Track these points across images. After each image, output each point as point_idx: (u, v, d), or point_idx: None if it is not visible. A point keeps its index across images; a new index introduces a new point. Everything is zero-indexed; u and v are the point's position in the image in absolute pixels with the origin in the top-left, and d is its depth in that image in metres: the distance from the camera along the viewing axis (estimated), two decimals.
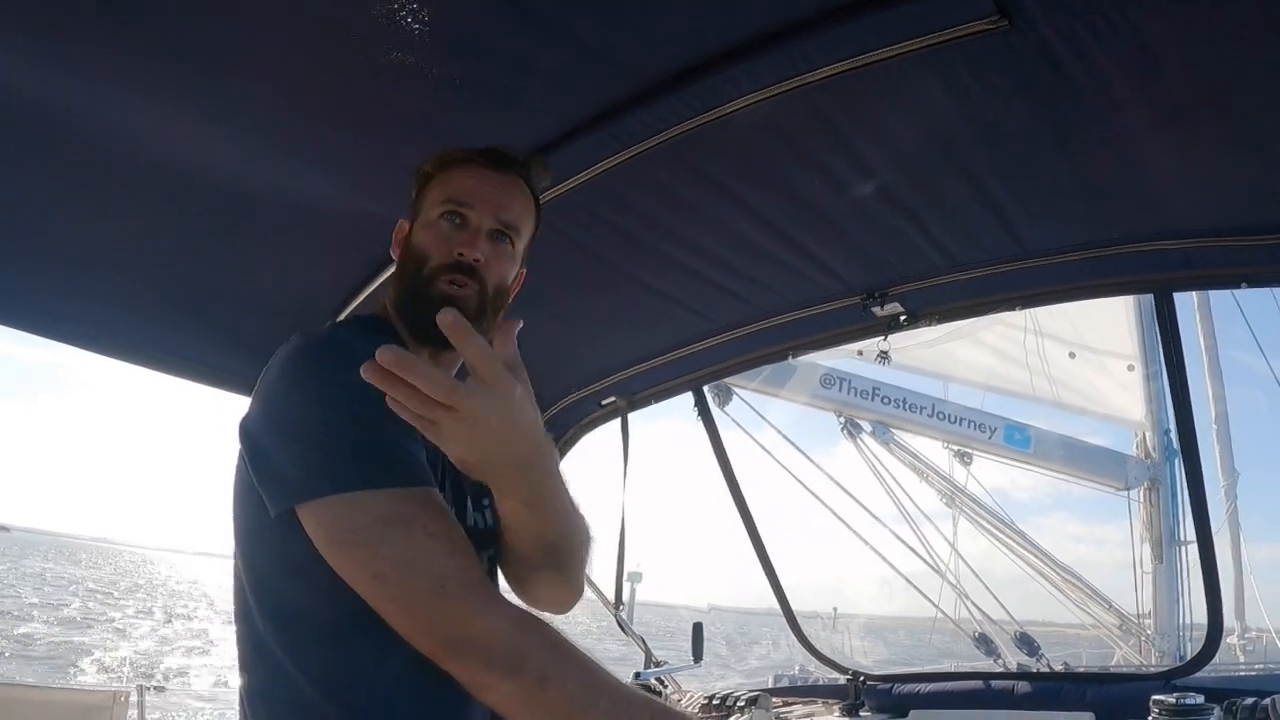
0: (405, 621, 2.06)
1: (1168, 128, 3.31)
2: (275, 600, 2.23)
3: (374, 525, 2.06)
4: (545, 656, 2.08)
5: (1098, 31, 2.78)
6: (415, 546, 2.06)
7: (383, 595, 2.05)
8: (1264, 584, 20.37)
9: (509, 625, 2.06)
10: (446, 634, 2.04)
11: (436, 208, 2.60)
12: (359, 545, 2.06)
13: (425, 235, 2.59)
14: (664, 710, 2.31)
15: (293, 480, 2.10)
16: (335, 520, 2.07)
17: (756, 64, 3.03)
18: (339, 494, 2.06)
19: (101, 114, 2.99)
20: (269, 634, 2.21)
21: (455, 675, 2.12)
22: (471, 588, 2.07)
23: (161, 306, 4.07)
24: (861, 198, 3.81)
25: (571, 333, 5.10)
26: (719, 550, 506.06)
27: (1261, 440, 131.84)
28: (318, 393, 2.18)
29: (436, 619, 2.04)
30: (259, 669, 2.23)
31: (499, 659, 2.03)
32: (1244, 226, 3.87)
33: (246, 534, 2.29)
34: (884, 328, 4.93)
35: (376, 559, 2.05)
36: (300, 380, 2.23)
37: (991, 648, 15.87)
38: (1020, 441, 18.15)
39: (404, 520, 2.07)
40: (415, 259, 2.57)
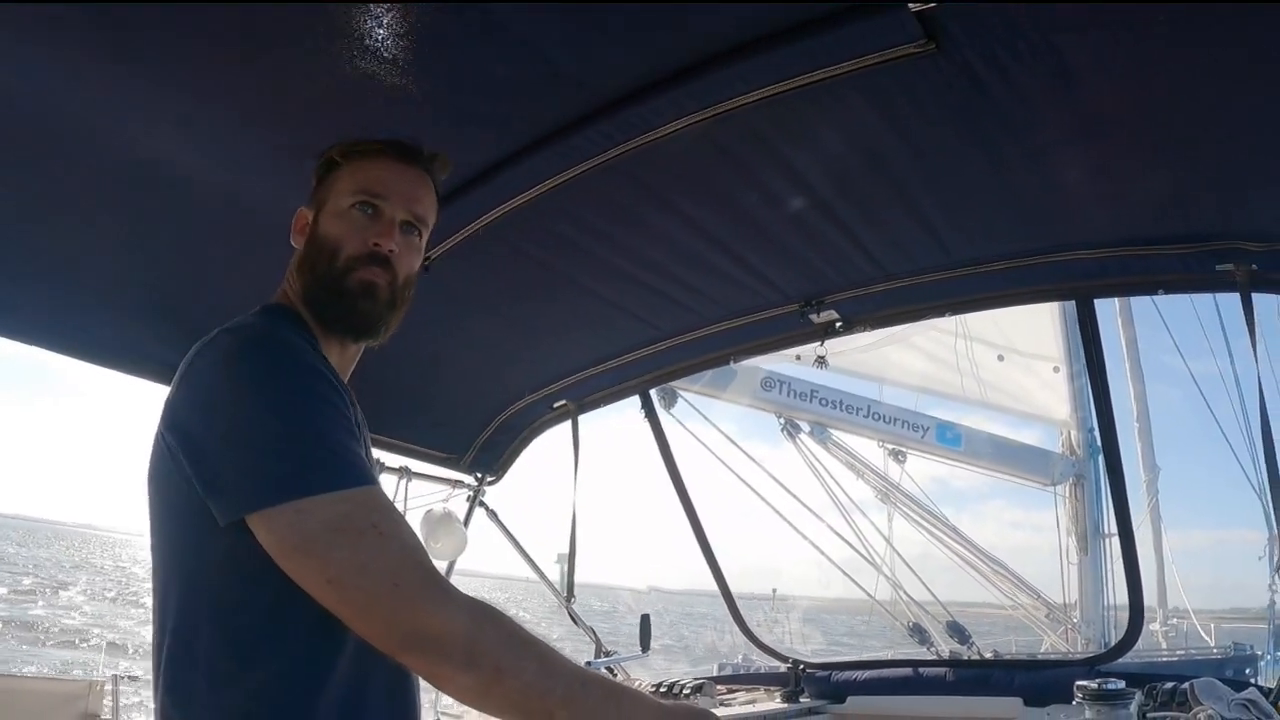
0: (362, 623, 2.02)
1: (1084, 145, 3.36)
2: (221, 607, 2.14)
3: (324, 531, 2.01)
4: (501, 647, 2.04)
5: (1019, 55, 2.82)
6: (367, 548, 2.02)
7: (339, 599, 2.01)
8: (1184, 571, 20.56)
9: (464, 618, 2.02)
10: (403, 631, 2.00)
11: (347, 197, 2.51)
12: (311, 552, 2.01)
13: (336, 225, 2.50)
14: (620, 689, 2.26)
15: (241, 489, 2.04)
16: (287, 527, 2.01)
17: (698, 85, 3.05)
18: (289, 501, 2.00)
19: (67, 116, 2.97)
20: (210, 641, 2.13)
21: (413, 670, 2.15)
22: (424, 583, 2.03)
23: (122, 305, 4.02)
24: (798, 211, 3.85)
25: (525, 339, 5.11)
26: (660, 535, 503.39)
27: (1182, 436, 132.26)
28: (262, 396, 2.13)
29: (393, 618, 1.99)
30: (193, 679, 2.13)
31: (456, 652, 2.00)
32: (1157, 237, 3.94)
33: (181, 538, 2.20)
34: (820, 334, 4.97)
35: (330, 564, 2.00)
36: (243, 382, 2.15)
37: (925, 636, 15.93)
38: (951, 440, 18.23)
39: (354, 522, 2.04)
40: (326, 249, 2.48)
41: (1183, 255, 3.96)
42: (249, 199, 3.43)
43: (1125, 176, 3.57)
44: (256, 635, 2.13)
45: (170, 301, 4.05)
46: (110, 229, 3.61)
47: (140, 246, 3.74)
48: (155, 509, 2.28)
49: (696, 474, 7.38)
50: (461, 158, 3.36)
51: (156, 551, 2.30)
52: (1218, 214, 3.74)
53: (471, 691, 2.06)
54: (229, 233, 3.64)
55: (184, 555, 2.20)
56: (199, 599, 2.15)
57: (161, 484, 2.22)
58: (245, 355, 2.20)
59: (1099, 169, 3.53)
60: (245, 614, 2.13)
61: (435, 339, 4.50)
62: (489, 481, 6.23)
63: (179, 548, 2.20)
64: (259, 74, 2.90)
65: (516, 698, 2.06)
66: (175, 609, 2.19)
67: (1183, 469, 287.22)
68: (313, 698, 2.14)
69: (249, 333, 2.29)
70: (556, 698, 2.07)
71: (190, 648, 2.14)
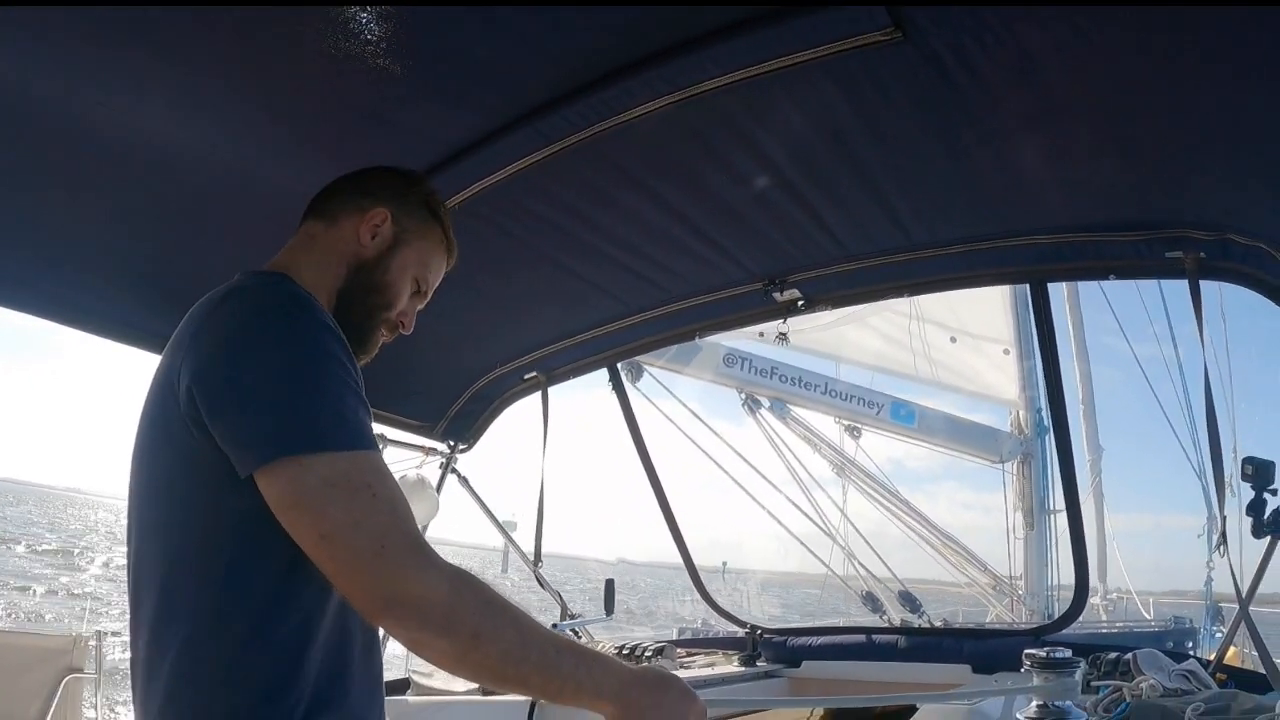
0: (346, 581, 2.03)
1: (1041, 134, 3.36)
2: (239, 565, 2.12)
3: (322, 485, 2.01)
4: (479, 613, 2.06)
5: (984, 44, 2.82)
6: (360, 507, 2.02)
7: (327, 555, 2.02)
8: (1125, 550, 20.66)
9: (444, 584, 2.02)
10: (384, 593, 2.00)
11: (418, 268, 2.72)
12: (309, 506, 2.02)
13: (399, 282, 2.68)
14: (591, 654, 2.29)
15: (254, 443, 2.04)
16: (288, 481, 2.02)
17: (669, 68, 3.05)
18: (292, 456, 2.01)
19: (64, 94, 2.94)
20: (224, 600, 2.11)
21: (392, 633, 2.11)
22: (409, 548, 2.03)
23: (109, 273, 4.00)
24: (764, 192, 3.85)
25: (497, 312, 5.11)
26: (629, 510, 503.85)
27: (1125, 418, 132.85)
28: (284, 353, 2.13)
29: (375, 579, 2.00)
30: (198, 636, 2.11)
31: (434, 617, 2.01)
32: (1110, 223, 3.95)
33: (194, 495, 2.16)
34: (783, 311, 4.98)
35: (324, 519, 2.00)
36: (268, 338, 2.15)
37: (878, 605, 15.96)
38: (905, 417, 18.26)
39: (351, 480, 2.04)
40: (381, 287, 2.64)
41: (1134, 242, 3.97)
42: (234, 171, 3.41)
43: (1080, 165, 3.57)
44: (271, 594, 2.13)
45: (156, 271, 4.03)
46: (98, 199, 3.57)
47: (127, 217, 3.71)
48: (159, 466, 2.27)
49: (662, 447, 7.39)
50: (440, 136, 3.42)
51: (154, 510, 2.28)
52: (1169, 203, 3.76)
53: (449, 656, 2.08)
54: (214, 204, 3.61)
55: (197, 513, 2.16)
56: (214, 558, 2.14)
57: (171, 439, 2.19)
58: (273, 312, 2.21)
59: (1055, 157, 3.54)
60: (262, 573, 2.13)
61: None
62: (461, 449, 6.24)
63: (191, 505, 2.17)
64: (245, 50, 2.87)
65: (493, 663, 2.09)
66: (178, 568, 2.17)
67: (1125, 453, 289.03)
68: (311, 656, 2.15)
69: (275, 291, 2.30)
70: (531, 663, 2.10)
71: (198, 607, 2.13)
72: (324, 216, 2.63)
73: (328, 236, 2.60)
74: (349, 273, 2.58)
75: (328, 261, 2.57)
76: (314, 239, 2.60)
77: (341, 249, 2.59)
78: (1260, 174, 3.37)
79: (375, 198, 2.64)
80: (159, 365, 2.35)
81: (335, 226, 2.61)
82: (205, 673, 2.11)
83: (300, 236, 2.63)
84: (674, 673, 2.53)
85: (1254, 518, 3.20)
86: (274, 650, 2.11)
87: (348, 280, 2.58)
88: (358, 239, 2.60)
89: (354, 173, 2.71)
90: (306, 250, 2.58)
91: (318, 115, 3.17)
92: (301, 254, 2.57)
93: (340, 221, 2.61)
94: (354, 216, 2.61)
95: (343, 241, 2.60)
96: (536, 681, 2.15)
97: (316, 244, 2.59)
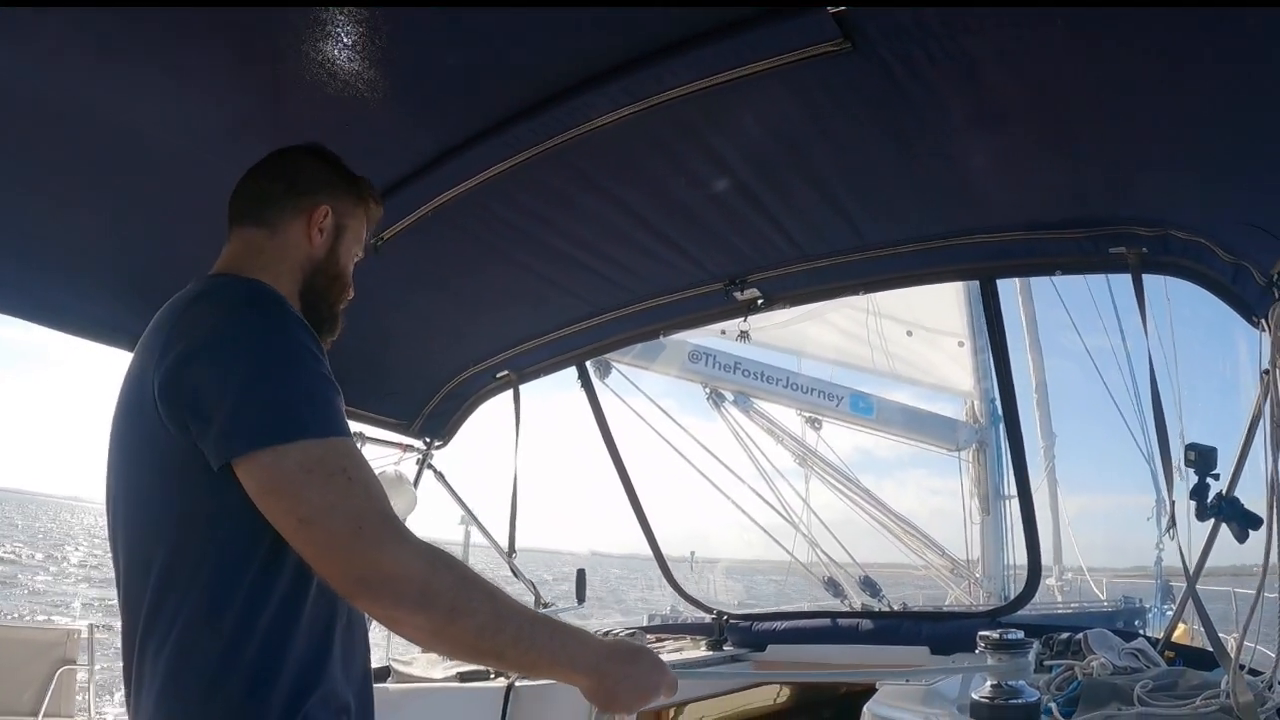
0: (324, 563, 2.05)
1: (988, 138, 3.39)
2: (223, 557, 2.13)
3: (298, 471, 2.03)
4: (454, 590, 2.08)
5: (930, 53, 2.84)
6: (336, 490, 2.04)
7: (306, 539, 2.04)
8: (1079, 531, 20.71)
9: (420, 562, 2.05)
10: (361, 573, 2.02)
11: (357, 245, 2.73)
12: (285, 492, 2.03)
13: (348, 264, 2.70)
14: (565, 627, 2.31)
15: (228, 435, 2.05)
16: (264, 469, 2.04)
17: (630, 80, 3.07)
18: (269, 446, 2.03)
19: (38, 91, 2.92)
20: (209, 592, 2.12)
21: (370, 612, 2.14)
22: (384, 527, 2.06)
23: (92, 276, 3.99)
24: (723, 196, 3.87)
25: (470, 314, 5.13)
26: (601, 504, 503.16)
27: (1077, 406, 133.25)
28: (259, 347, 2.15)
29: (353, 559, 2.02)
30: (192, 627, 2.11)
31: (411, 595, 2.03)
32: (1055, 222, 3.98)
33: (173, 492, 2.16)
34: (744, 310, 5.00)
35: (301, 503, 2.02)
36: (242, 333, 2.17)
37: (839, 590, 15.99)
38: (864, 409, 18.29)
39: (326, 465, 2.05)
40: (341, 278, 2.68)
41: (1079, 239, 4.00)
42: (208, 174, 3.37)
43: (1025, 167, 3.60)
44: (254, 584, 2.13)
45: (138, 273, 4.01)
46: (80, 202, 3.57)
47: (109, 220, 3.71)
48: (137, 467, 2.27)
49: (631, 443, 7.40)
50: (413, 145, 3.46)
51: (135, 509, 2.28)
52: (1111, 202, 3.78)
53: (425, 631, 2.10)
54: (188, 206, 3.58)
55: (178, 510, 2.17)
56: (197, 553, 2.14)
57: (148, 440, 2.20)
58: (243, 309, 2.23)
59: (1001, 160, 3.57)
60: (245, 564, 2.13)
61: (387, 315, 4.50)
62: (437, 446, 6.26)
63: (170, 503, 2.18)
64: (224, 59, 2.89)
65: (470, 637, 2.13)
66: (162, 566, 2.17)
67: (1079, 438, 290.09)
68: (295, 643, 2.17)
69: (244, 290, 2.32)
70: (507, 636, 2.13)
71: (184, 600, 2.13)
72: (263, 224, 2.57)
73: (274, 244, 2.56)
74: (305, 275, 2.59)
75: (280, 268, 2.54)
76: (257, 247, 2.55)
77: (293, 255, 2.57)
78: (1197, 173, 3.40)
79: (313, 195, 2.61)
80: (130, 368, 2.36)
81: (279, 234, 2.57)
82: (195, 666, 2.11)
83: (239, 244, 2.57)
84: (645, 645, 2.53)
85: (1197, 502, 3.22)
86: (260, 639, 2.11)
87: (306, 281, 2.59)
88: (308, 241, 2.59)
89: (270, 169, 2.65)
90: (251, 258, 2.53)
91: (291, 123, 3.17)
92: (246, 261, 2.52)
93: (283, 227, 2.57)
94: (298, 220, 2.58)
95: (292, 247, 2.57)
96: (512, 655, 2.19)
97: (263, 252, 2.54)
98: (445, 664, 5.24)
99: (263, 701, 2.10)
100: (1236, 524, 3.16)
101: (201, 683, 2.10)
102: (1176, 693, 3.14)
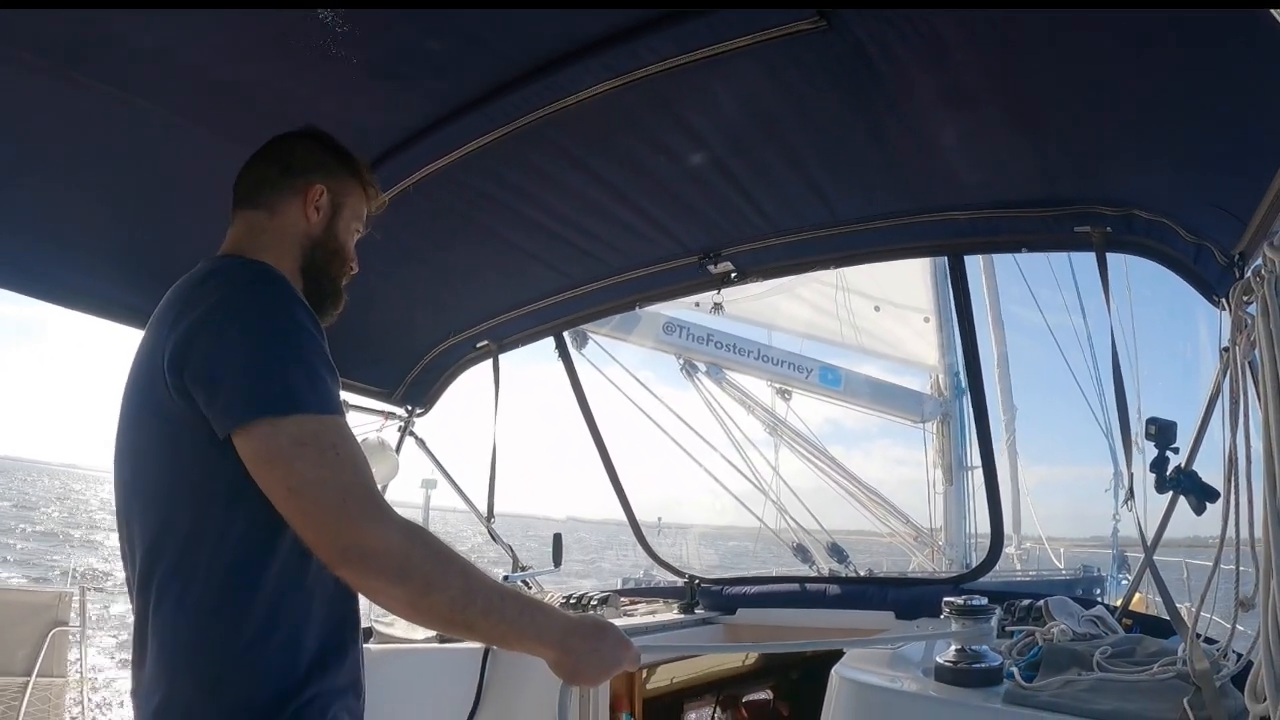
0: (310, 532, 2.08)
1: (957, 117, 3.38)
2: (231, 524, 2.19)
3: (291, 444, 2.08)
4: (429, 563, 2.13)
5: (903, 34, 2.84)
6: (326, 464, 2.09)
7: (295, 508, 2.08)
8: (1037, 502, 20.87)
9: (399, 536, 2.10)
10: (344, 543, 2.06)
11: (356, 222, 2.78)
12: (278, 462, 2.08)
13: (346, 239, 2.74)
14: (534, 603, 2.37)
15: (232, 406, 2.10)
16: (260, 439, 2.08)
17: (607, 56, 3.08)
18: (265, 418, 2.08)
19: (52, 79, 2.91)
20: (219, 561, 2.17)
21: (349, 582, 2.19)
22: (366, 501, 2.10)
23: (92, 252, 4.00)
24: (698, 171, 3.87)
25: (450, 286, 5.13)
26: (578, 471, 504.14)
27: (1036, 380, 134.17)
28: (266, 325, 2.20)
29: (337, 529, 2.06)
30: (199, 591, 2.17)
31: (389, 567, 2.08)
32: (1022, 200, 3.98)
33: (184, 460, 2.22)
34: (718, 283, 5.00)
35: (292, 474, 2.07)
36: (251, 311, 2.22)
37: (808, 556, 16.08)
38: (832, 381, 18.37)
39: (319, 440, 2.10)
40: (341, 253, 2.72)
41: (1044, 218, 3.99)
42: (210, 154, 3.38)
43: (994, 147, 3.60)
44: (249, 551, 2.19)
45: (137, 250, 4.04)
46: (81, 180, 3.58)
47: (109, 197, 3.72)
48: (146, 437, 2.31)
49: (607, 411, 7.41)
50: (396, 121, 3.47)
51: (144, 478, 2.32)
52: (1077, 182, 3.78)
53: (401, 602, 2.15)
54: (193, 186, 3.61)
55: (186, 477, 2.22)
56: (204, 520, 2.20)
57: (158, 411, 2.24)
58: (252, 288, 2.28)
59: (971, 139, 3.57)
60: (249, 531, 2.19)
61: (369, 286, 4.46)
62: (418, 414, 6.25)
63: (179, 470, 2.23)
64: (219, 42, 2.89)
65: (443, 609, 2.17)
66: (169, 533, 2.22)
67: (1040, 411, 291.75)
68: (306, 611, 2.26)
69: (253, 271, 2.37)
70: (477, 609, 2.21)
71: (188, 566, 2.19)
72: (262, 206, 2.62)
73: (274, 225, 2.61)
74: (305, 252, 2.63)
75: (281, 248, 2.59)
76: (259, 229, 2.60)
77: (291, 233, 2.62)
78: (1162, 155, 3.39)
79: (307, 175, 2.66)
80: (142, 342, 2.40)
81: (278, 214, 2.62)
82: (201, 627, 2.17)
83: (241, 227, 2.62)
84: (611, 621, 2.56)
85: (1157, 474, 3.21)
86: (256, 600, 2.17)
87: (306, 258, 2.62)
88: (305, 219, 2.64)
89: (267, 154, 2.71)
90: (254, 239, 2.58)
91: (277, 102, 3.17)
92: (248, 241, 2.58)
93: (281, 208, 2.62)
94: (294, 200, 2.64)
95: (290, 226, 2.62)
96: (483, 626, 2.25)
97: (264, 233, 2.59)
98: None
99: (279, 671, 2.19)
100: (1194, 496, 3.15)
101: (207, 646, 2.16)
102: (1134, 659, 3.13)
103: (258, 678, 2.16)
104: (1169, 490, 3.24)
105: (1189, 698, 2.61)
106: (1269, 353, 2.32)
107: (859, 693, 3.21)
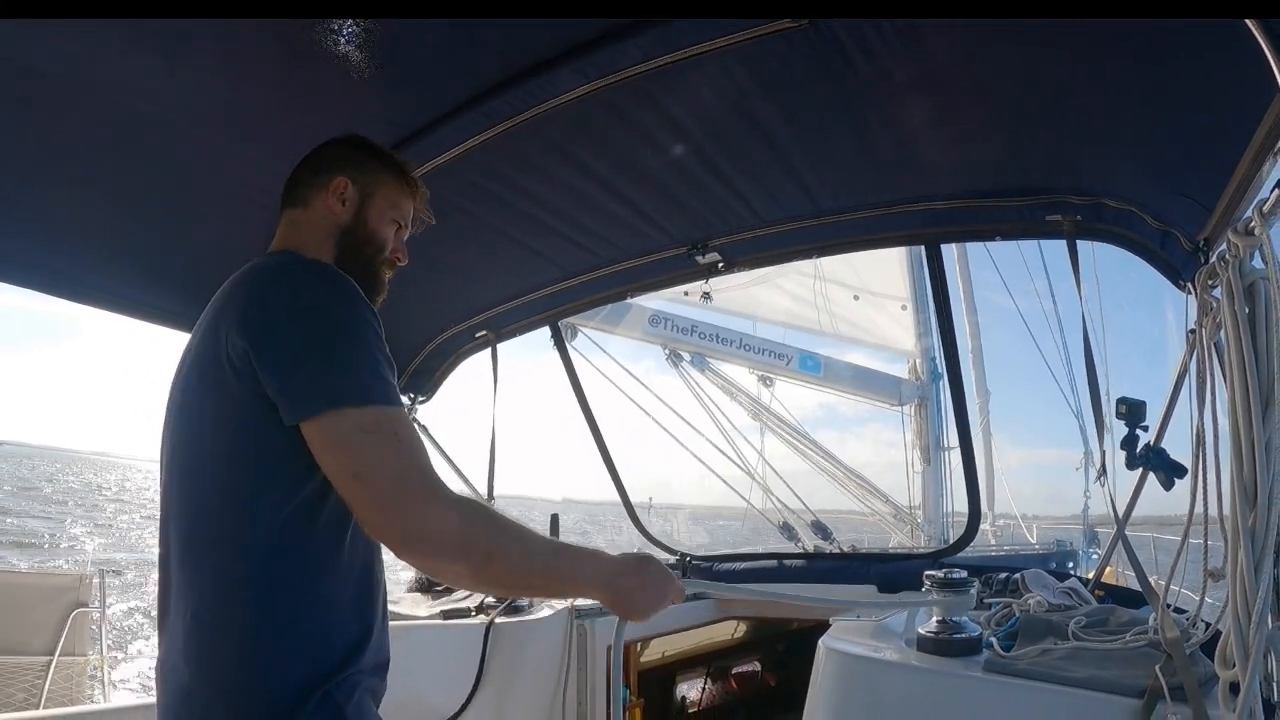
0: (372, 516, 2.14)
1: (934, 111, 3.38)
2: (279, 504, 2.21)
3: (356, 431, 2.13)
4: (487, 536, 2.20)
5: (881, 31, 2.85)
6: (388, 450, 2.14)
7: (358, 492, 2.12)
8: (1016, 483, 20.99)
9: (456, 515, 2.14)
10: (405, 526, 2.11)
11: (392, 211, 2.79)
12: (345, 448, 2.13)
13: (382, 227, 2.77)
14: (584, 551, 2.49)
15: (303, 396, 2.15)
16: (327, 428, 2.13)
17: (599, 56, 3.09)
18: (335, 409, 2.13)
19: (60, 71, 2.90)
20: (270, 540, 2.19)
21: (414, 564, 2.28)
22: (424, 483, 2.15)
23: (113, 252, 4.04)
24: (685, 166, 3.89)
25: (450, 278, 5.14)
26: (574, 454, 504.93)
27: (1008, 366, 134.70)
28: (332, 318, 2.24)
29: (398, 513, 2.11)
30: (248, 586, 2.18)
31: (449, 546, 2.14)
32: (996, 190, 3.98)
33: (234, 436, 2.23)
34: (705, 273, 5.01)
35: (356, 459, 2.11)
36: (317, 304, 2.26)
37: (793, 534, 16.06)
38: (812, 367, 18.37)
39: (382, 428, 2.15)
40: (374, 240, 2.74)
41: (1018, 207, 4.00)
42: (229, 155, 3.44)
43: (969, 139, 3.60)
44: (288, 530, 2.22)
45: (156, 252, 4.09)
46: (104, 187, 3.60)
47: (130, 203, 3.74)
48: (200, 414, 2.33)
49: (601, 399, 7.43)
50: (397, 119, 3.46)
51: (192, 452, 2.34)
52: (1048, 172, 3.78)
53: (465, 577, 2.24)
54: (209, 190, 3.65)
55: (233, 455, 2.25)
56: (246, 492, 2.22)
57: (215, 388, 2.27)
58: (322, 283, 2.32)
59: (947, 132, 3.57)
60: (293, 513, 2.22)
61: None
62: (421, 401, 6.30)
63: (229, 449, 2.25)
64: (236, 48, 2.91)
65: (503, 576, 2.28)
66: (212, 509, 2.25)
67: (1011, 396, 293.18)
68: (328, 591, 2.27)
69: (319, 266, 2.42)
70: (536, 571, 2.30)
71: (233, 548, 2.20)
72: (297, 203, 2.69)
73: (307, 218, 2.67)
74: (337, 240, 2.67)
75: (316, 239, 2.65)
76: (296, 224, 2.67)
77: (323, 224, 2.67)
78: (1129, 146, 3.40)
79: (330, 170, 2.71)
80: (200, 325, 2.43)
81: (309, 208, 2.68)
82: (233, 605, 2.19)
83: (285, 224, 2.69)
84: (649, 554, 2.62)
85: (1127, 452, 3.21)
86: (289, 584, 2.21)
87: (339, 246, 2.67)
88: (331, 210, 2.67)
89: (307, 158, 2.76)
90: (295, 234, 2.66)
91: (280, 104, 3.18)
92: (292, 238, 2.65)
93: (311, 202, 2.68)
94: (320, 193, 2.68)
95: (320, 217, 2.67)
96: (540, 584, 2.38)
97: (301, 227, 2.67)
98: (430, 603, 5.32)
99: (309, 654, 2.22)
100: (1164, 472, 3.15)
101: (239, 628, 2.18)
102: (1108, 628, 3.14)
103: (289, 661, 2.17)
104: (1139, 466, 3.25)
105: (1160, 665, 2.62)
106: (1233, 334, 2.32)
107: (845, 662, 3.21)
